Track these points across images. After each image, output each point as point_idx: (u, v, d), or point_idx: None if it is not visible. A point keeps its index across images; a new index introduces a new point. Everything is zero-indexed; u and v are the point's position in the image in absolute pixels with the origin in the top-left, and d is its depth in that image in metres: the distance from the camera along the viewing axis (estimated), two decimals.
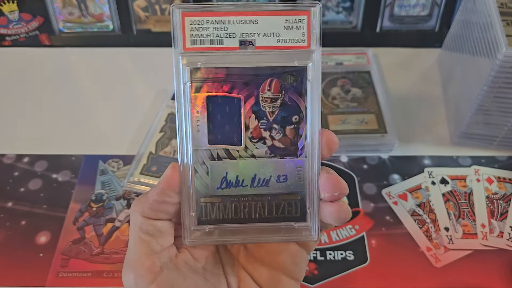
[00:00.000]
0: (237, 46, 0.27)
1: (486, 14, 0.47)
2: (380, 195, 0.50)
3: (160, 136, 0.54)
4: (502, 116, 0.49)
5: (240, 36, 0.27)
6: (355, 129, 0.53)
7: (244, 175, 0.28)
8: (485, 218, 0.48)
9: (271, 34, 0.27)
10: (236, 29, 0.27)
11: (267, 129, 0.28)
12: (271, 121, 0.28)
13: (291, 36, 0.27)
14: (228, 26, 0.27)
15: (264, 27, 0.27)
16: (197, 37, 0.27)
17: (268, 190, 0.28)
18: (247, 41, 0.27)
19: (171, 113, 0.56)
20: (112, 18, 0.66)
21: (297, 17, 0.27)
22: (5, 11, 0.70)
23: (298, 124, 0.28)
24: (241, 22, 0.27)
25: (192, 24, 0.26)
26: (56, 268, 0.44)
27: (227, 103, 0.27)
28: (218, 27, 0.27)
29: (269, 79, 0.27)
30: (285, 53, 0.27)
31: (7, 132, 0.57)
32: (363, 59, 0.62)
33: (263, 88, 0.27)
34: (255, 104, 0.27)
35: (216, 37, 0.27)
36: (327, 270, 0.44)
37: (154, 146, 0.53)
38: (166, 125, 0.55)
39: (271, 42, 0.27)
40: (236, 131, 0.28)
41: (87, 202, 0.49)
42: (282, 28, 0.27)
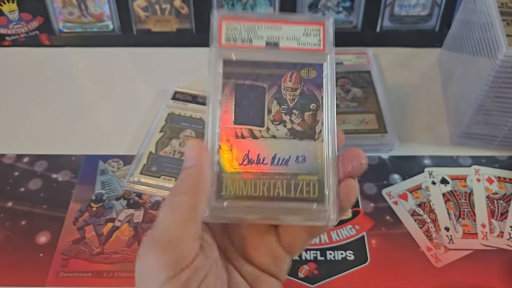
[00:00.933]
0: (264, 46, 0.32)
1: (487, 14, 0.47)
2: (380, 195, 0.50)
3: (160, 136, 0.54)
4: (502, 116, 0.49)
5: (267, 38, 0.32)
6: (355, 129, 0.53)
7: (265, 154, 0.30)
8: (485, 218, 0.48)
9: (293, 38, 0.32)
10: (263, 33, 0.32)
11: (287, 113, 0.31)
12: (291, 107, 0.31)
13: (309, 41, 0.32)
14: (257, 30, 0.32)
15: (286, 33, 0.32)
16: (230, 36, 0.32)
17: (287, 169, 0.30)
18: (272, 43, 0.32)
19: (171, 113, 0.56)
20: (112, 18, 0.66)
21: (314, 27, 0.32)
22: (5, 11, 0.70)
23: (315, 111, 0.31)
24: (267, 28, 0.32)
25: (227, 25, 0.32)
26: (56, 268, 0.44)
27: (252, 90, 0.31)
28: (248, 29, 0.32)
29: (290, 72, 0.31)
30: (304, 53, 0.32)
31: (7, 132, 0.57)
32: (363, 58, 0.62)
33: (284, 79, 0.31)
34: (277, 92, 0.31)
35: (246, 38, 0.32)
36: (327, 270, 0.44)
37: (154, 146, 0.53)
38: (166, 125, 0.55)
39: (293, 44, 0.32)
40: (260, 114, 0.31)
41: (87, 202, 0.49)
42: (301, 34, 0.32)
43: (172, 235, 0.26)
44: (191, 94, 0.58)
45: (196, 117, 0.56)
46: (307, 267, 0.44)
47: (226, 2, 0.65)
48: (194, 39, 0.68)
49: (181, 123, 0.55)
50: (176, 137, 0.54)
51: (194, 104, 0.57)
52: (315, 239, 0.46)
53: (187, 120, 0.56)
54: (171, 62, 0.66)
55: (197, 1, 0.65)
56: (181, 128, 0.55)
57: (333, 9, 0.66)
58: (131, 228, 0.47)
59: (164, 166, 0.51)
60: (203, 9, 0.65)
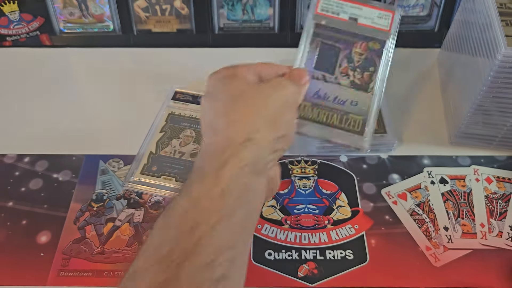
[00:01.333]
0: (347, 19, 0.45)
1: (486, 14, 0.48)
2: (379, 195, 0.50)
3: (161, 136, 0.54)
4: (501, 116, 0.49)
5: (350, 14, 0.45)
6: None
7: (330, 93, 0.44)
8: (484, 217, 0.48)
9: (369, 18, 0.45)
10: (348, 9, 0.45)
11: (352, 70, 0.44)
12: (356, 66, 0.44)
13: (381, 22, 0.45)
14: (344, 7, 0.45)
15: (365, 13, 0.45)
16: (324, 7, 0.45)
17: (342, 108, 0.44)
18: (353, 18, 0.45)
19: (171, 113, 0.56)
20: (112, 19, 0.66)
21: (387, 13, 0.45)
22: (6, 11, 0.70)
23: (372, 72, 0.44)
24: (352, 7, 0.45)
25: (324, 3, 0.45)
26: (56, 268, 0.44)
27: (331, 48, 0.45)
28: (338, 5, 0.45)
29: (361, 42, 0.45)
30: (375, 30, 0.45)
31: (8, 132, 0.57)
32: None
33: (356, 46, 0.45)
34: (348, 54, 0.44)
35: (335, 11, 0.45)
36: (326, 270, 0.44)
37: (154, 146, 0.53)
38: (167, 125, 0.55)
39: (368, 22, 0.45)
40: (333, 66, 0.44)
41: (87, 201, 0.49)
42: (376, 16, 0.45)
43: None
44: (191, 94, 0.59)
45: (196, 117, 0.56)
46: (307, 267, 0.44)
47: (226, 2, 0.65)
48: (194, 39, 0.68)
49: (181, 123, 0.56)
50: (176, 137, 0.54)
51: (194, 104, 0.58)
52: (315, 239, 0.46)
53: (187, 120, 0.56)
54: (171, 63, 0.66)
55: (197, 2, 0.65)
56: (181, 128, 0.55)
57: None
58: (131, 228, 0.47)
59: (164, 166, 0.51)
60: (203, 10, 0.66)
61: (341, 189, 0.50)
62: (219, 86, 0.36)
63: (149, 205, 0.49)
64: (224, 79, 0.37)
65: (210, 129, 0.35)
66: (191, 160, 0.52)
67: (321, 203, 0.49)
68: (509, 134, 0.51)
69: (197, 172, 0.32)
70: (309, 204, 0.49)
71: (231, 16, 0.66)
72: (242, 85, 0.36)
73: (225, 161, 0.31)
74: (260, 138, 0.33)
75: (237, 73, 0.37)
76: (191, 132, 0.55)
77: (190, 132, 0.55)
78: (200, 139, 0.53)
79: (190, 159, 0.52)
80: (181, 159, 0.52)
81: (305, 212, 0.48)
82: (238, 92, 0.35)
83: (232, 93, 0.35)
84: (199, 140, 0.54)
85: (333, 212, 0.48)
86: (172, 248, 0.28)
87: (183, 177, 0.50)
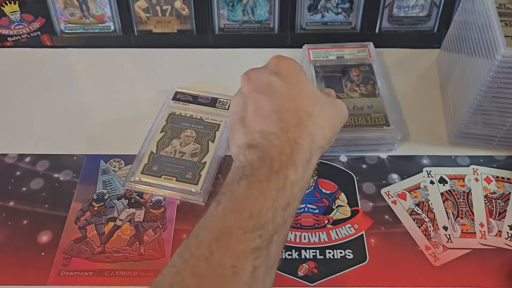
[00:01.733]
0: (335, 58, 0.60)
1: (485, 15, 0.48)
2: (379, 195, 0.50)
3: (161, 136, 0.54)
4: (500, 116, 0.50)
5: (336, 55, 0.60)
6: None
7: (348, 104, 0.49)
8: (483, 217, 0.48)
9: (351, 54, 0.60)
10: (334, 53, 0.60)
11: (357, 86, 0.57)
12: (358, 83, 0.57)
13: (361, 54, 0.60)
14: (330, 52, 0.60)
15: (347, 52, 0.60)
16: (314, 55, 0.60)
17: (362, 112, 0.54)
18: (340, 56, 0.60)
19: (172, 113, 0.57)
20: (113, 19, 0.67)
21: (363, 48, 0.61)
22: (7, 11, 0.71)
23: (373, 83, 0.57)
24: (336, 51, 0.61)
25: (312, 51, 0.61)
26: (57, 267, 0.44)
27: (333, 78, 0.58)
28: (325, 52, 0.60)
29: (354, 67, 0.59)
30: (360, 59, 0.60)
31: (9, 132, 0.57)
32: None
33: (351, 71, 0.58)
34: (348, 77, 0.58)
35: (324, 55, 0.60)
36: (326, 269, 0.44)
37: (155, 146, 0.53)
38: (167, 125, 0.55)
39: (352, 56, 0.60)
40: (340, 87, 0.56)
41: (88, 201, 0.49)
42: (356, 52, 0.60)
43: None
44: (192, 95, 0.59)
45: (196, 117, 0.56)
46: (307, 266, 0.44)
47: (226, 3, 0.65)
48: (194, 40, 0.68)
49: (182, 123, 0.56)
50: (177, 137, 0.54)
51: (194, 105, 0.58)
52: (314, 239, 0.46)
53: (188, 120, 0.56)
54: (172, 63, 0.66)
55: (197, 2, 0.65)
56: (182, 128, 0.55)
57: (332, 10, 0.66)
58: (132, 227, 0.47)
59: (165, 165, 0.51)
60: (203, 10, 0.66)
61: (340, 189, 0.51)
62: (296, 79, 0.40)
63: (150, 205, 0.49)
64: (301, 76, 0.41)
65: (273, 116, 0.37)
66: (192, 160, 0.52)
67: (321, 203, 0.49)
68: (508, 134, 0.51)
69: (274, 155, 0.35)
70: (309, 203, 0.49)
71: (231, 17, 0.67)
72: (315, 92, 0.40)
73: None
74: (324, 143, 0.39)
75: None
76: (191, 132, 0.55)
77: (191, 132, 0.54)
78: (200, 139, 0.54)
79: (190, 159, 0.52)
80: (182, 159, 0.52)
81: (305, 212, 0.49)
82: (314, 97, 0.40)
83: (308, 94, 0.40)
84: (200, 140, 0.54)
85: (333, 211, 0.49)
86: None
87: (183, 176, 0.50)
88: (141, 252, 0.45)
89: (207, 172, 0.51)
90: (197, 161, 0.52)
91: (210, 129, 0.55)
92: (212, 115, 0.56)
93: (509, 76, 0.45)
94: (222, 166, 0.52)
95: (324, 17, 0.67)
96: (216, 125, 0.55)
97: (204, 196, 0.49)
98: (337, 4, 0.65)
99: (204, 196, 0.49)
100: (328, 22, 0.67)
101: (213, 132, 0.55)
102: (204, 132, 0.54)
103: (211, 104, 0.58)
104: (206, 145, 0.53)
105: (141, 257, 0.45)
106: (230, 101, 0.54)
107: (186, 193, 0.49)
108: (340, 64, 0.59)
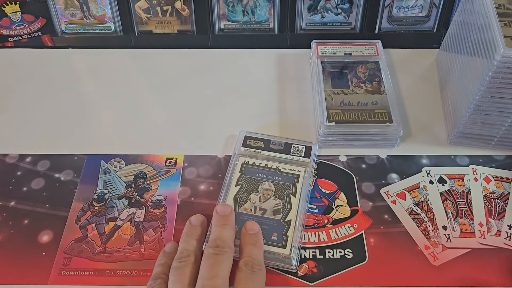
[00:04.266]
0: (343, 55, 0.61)
1: (484, 15, 0.48)
2: (378, 194, 0.50)
3: (237, 190, 0.48)
4: (499, 116, 0.50)
5: (344, 52, 0.62)
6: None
7: (353, 100, 0.55)
8: (482, 217, 0.48)
9: (359, 51, 0.62)
10: (341, 49, 0.62)
11: (362, 83, 0.57)
12: (364, 80, 0.58)
13: (369, 52, 0.62)
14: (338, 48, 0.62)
15: (355, 49, 0.62)
16: (322, 51, 0.62)
17: (366, 108, 0.54)
18: (347, 53, 0.61)
19: (245, 162, 0.50)
20: (113, 20, 0.67)
21: (371, 46, 0.62)
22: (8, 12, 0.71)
23: (378, 81, 0.57)
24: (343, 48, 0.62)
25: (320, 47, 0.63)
26: (58, 267, 0.45)
27: (340, 73, 0.59)
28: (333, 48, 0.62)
29: (361, 65, 0.60)
30: (367, 57, 0.61)
31: (10, 132, 0.57)
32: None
33: (358, 68, 0.59)
34: (354, 74, 0.58)
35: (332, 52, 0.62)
36: (326, 268, 0.44)
37: (232, 202, 0.47)
38: (242, 177, 0.49)
39: (359, 53, 0.62)
40: (346, 83, 0.57)
41: (89, 201, 0.50)
42: (364, 49, 0.62)
43: None
44: (263, 139, 0.53)
45: (272, 167, 0.50)
46: (306, 265, 0.45)
47: (226, 4, 0.65)
48: (195, 40, 0.68)
49: (257, 175, 0.49)
50: (254, 191, 0.48)
51: (267, 152, 0.52)
52: (314, 238, 0.46)
53: (264, 171, 0.50)
54: (172, 63, 0.66)
55: (198, 3, 0.65)
56: (258, 180, 0.49)
57: (332, 11, 0.66)
58: (132, 227, 0.48)
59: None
60: (204, 11, 0.66)
61: (340, 189, 0.51)
62: None
63: (150, 205, 0.49)
64: None
65: None
66: (275, 218, 0.46)
67: (321, 203, 0.50)
68: (508, 134, 0.52)
69: None
70: (308, 203, 0.49)
71: (232, 17, 0.67)
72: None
73: None
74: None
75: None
76: (269, 185, 0.48)
77: (269, 185, 0.48)
78: (280, 193, 0.48)
79: (273, 217, 0.46)
80: (264, 217, 0.46)
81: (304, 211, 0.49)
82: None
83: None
84: (280, 194, 0.48)
85: (333, 211, 0.49)
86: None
87: (268, 238, 0.44)
88: (141, 252, 0.46)
89: (294, 233, 0.45)
90: (281, 219, 0.46)
91: (289, 181, 0.49)
92: (289, 165, 0.50)
93: (508, 76, 0.45)
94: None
95: (324, 17, 0.67)
96: (295, 175, 0.49)
97: (294, 262, 0.44)
98: (336, 4, 0.66)
99: (295, 261, 0.44)
100: (328, 22, 0.67)
101: (293, 184, 0.49)
102: (284, 185, 0.49)
103: (285, 151, 0.52)
104: (288, 200, 0.47)
105: (142, 257, 0.45)
106: (305, 148, 0.52)
107: (273, 259, 0.44)
108: (347, 61, 0.60)
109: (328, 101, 0.54)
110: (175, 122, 0.58)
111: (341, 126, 0.52)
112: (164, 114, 0.59)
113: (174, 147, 0.55)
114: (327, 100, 0.54)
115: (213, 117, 0.59)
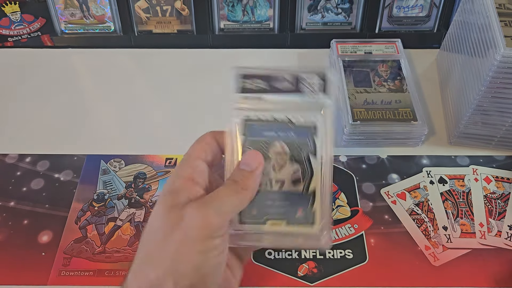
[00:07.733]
0: (363, 54, 0.61)
1: (484, 15, 0.48)
2: (378, 195, 0.50)
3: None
4: (500, 116, 0.50)
5: (364, 51, 0.62)
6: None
7: (376, 99, 0.55)
8: (483, 217, 0.48)
9: (380, 50, 0.62)
10: (361, 48, 0.62)
11: (384, 81, 0.57)
12: (386, 78, 0.58)
13: (389, 50, 0.62)
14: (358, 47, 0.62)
15: (375, 48, 0.62)
16: (343, 50, 0.62)
17: (390, 106, 0.54)
18: (368, 52, 0.61)
19: (247, 119, 0.35)
20: (113, 20, 0.67)
21: (390, 45, 0.62)
22: (7, 12, 0.71)
23: (401, 79, 0.58)
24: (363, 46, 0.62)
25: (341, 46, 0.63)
26: (58, 267, 0.45)
27: (362, 72, 0.59)
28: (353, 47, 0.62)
29: (382, 63, 0.60)
30: (388, 55, 0.61)
31: (9, 132, 0.57)
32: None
33: (380, 67, 0.59)
34: (376, 73, 0.58)
35: (352, 50, 0.62)
36: (326, 269, 0.44)
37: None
38: (246, 141, 0.34)
39: (380, 52, 0.61)
40: (368, 82, 0.57)
41: (89, 201, 0.50)
42: (384, 47, 0.62)
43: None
44: (263, 76, 0.35)
45: (281, 119, 0.34)
46: (307, 266, 0.45)
47: (226, 4, 0.65)
48: (195, 40, 0.68)
49: (264, 134, 0.34)
50: (265, 158, 0.34)
51: (271, 95, 0.34)
52: None
53: (272, 127, 0.34)
54: (172, 63, 0.66)
55: (197, 3, 0.65)
56: (266, 142, 0.34)
57: (332, 11, 0.66)
58: (132, 227, 0.47)
59: (264, 205, 0.34)
60: (203, 11, 0.66)
61: (340, 189, 0.51)
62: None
63: (150, 205, 0.49)
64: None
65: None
66: (296, 191, 0.34)
67: None
68: (508, 134, 0.52)
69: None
70: None
71: (232, 17, 0.67)
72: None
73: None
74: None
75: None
76: (282, 147, 0.34)
77: (281, 147, 0.34)
78: (297, 155, 0.34)
79: (294, 188, 0.34)
80: (283, 191, 0.34)
81: None
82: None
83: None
84: (296, 156, 0.34)
85: (333, 211, 0.49)
86: None
87: (293, 217, 0.34)
88: None
89: (321, 203, 0.34)
90: (303, 190, 0.34)
91: (304, 135, 0.34)
92: (302, 111, 0.34)
93: (509, 76, 0.45)
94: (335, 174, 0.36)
95: (324, 17, 0.67)
96: (311, 127, 0.34)
97: (327, 237, 0.34)
98: (337, 4, 0.66)
99: (327, 236, 0.34)
100: (328, 22, 0.67)
101: (310, 139, 0.34)
102: (299, 143, 0.34)
103: (294, 89, 0.34)
104: (308, 162, 0.34)
105: None
106: (318, 79, 0.34)
107: (303, 243, 0.35)
108: (368, 60, 0.60)
109: (351, 100, 0.55)
110: (175, 122, 0.58)
111: (366, 125, 0.52)
112: (164, 114, 0.59)
113: (174, 147, 0.55)
114: (350, 99, 0.54)
115: (213, 117, 0.58)
